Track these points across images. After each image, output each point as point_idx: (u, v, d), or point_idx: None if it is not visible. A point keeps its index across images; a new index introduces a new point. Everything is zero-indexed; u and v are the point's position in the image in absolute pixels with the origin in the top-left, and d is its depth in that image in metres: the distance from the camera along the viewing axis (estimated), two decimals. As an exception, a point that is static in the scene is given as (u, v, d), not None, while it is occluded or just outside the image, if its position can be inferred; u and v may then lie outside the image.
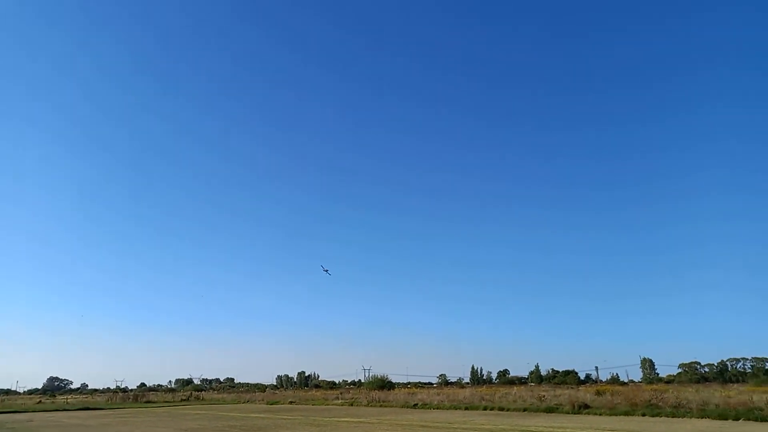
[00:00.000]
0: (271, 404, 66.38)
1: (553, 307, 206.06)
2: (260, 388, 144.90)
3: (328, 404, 60.96)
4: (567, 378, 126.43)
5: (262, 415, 43.83)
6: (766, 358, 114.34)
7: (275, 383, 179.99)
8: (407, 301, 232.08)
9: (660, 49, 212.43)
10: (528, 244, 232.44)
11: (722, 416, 30.79)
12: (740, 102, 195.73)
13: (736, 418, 29.99)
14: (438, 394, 59.59)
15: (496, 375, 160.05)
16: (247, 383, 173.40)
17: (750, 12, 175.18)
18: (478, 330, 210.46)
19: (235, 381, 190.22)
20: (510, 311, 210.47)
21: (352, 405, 57.41)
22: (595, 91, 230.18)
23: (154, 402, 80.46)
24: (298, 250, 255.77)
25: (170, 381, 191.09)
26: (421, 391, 77.47)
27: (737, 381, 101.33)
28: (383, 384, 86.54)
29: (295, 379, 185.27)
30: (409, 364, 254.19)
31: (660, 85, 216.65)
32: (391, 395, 64.82)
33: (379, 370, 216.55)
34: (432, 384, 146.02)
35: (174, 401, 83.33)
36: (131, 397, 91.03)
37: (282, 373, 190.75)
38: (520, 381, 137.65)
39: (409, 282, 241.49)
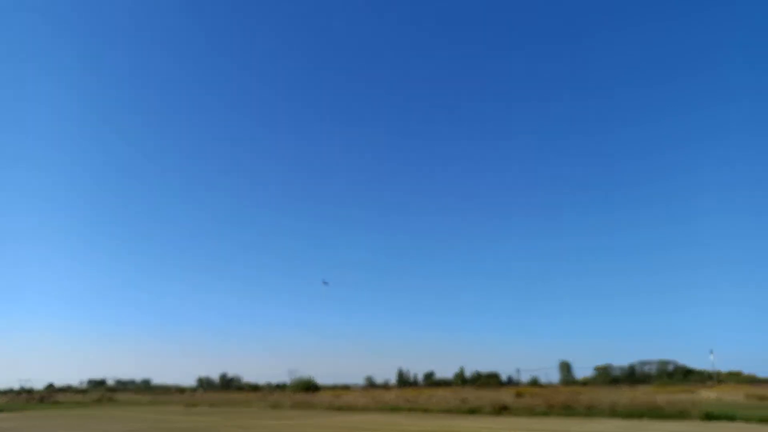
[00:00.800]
0: (190, 406, 64.03)
1: (478, 309, 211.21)
2: (179, 390, 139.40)
3: (250, 407, 59.53)
4: (490, 380, 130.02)
5: (178, 417, 42.10)
6: (668, 361, 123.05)
7: (196, 385, 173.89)
8: (334, 303, 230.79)
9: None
10: (450, 247, 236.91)
11: (629, 416, 32.72)
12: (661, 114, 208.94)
13: (641, 417, 31.97)
14: (364, 397, 59.55)
15: (422, 377, 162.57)
16: (165, 385, 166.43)
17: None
18: (406, 332, 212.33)
19: (151, 382, 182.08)
20: (436, 314, 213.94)
21: (274, 408, 56.36)
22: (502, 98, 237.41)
23: (61, 403, 75.44)
24: (218, 249, 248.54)
25: (81, 381, 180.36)
26: (347, 393, 77.21)
27: (644, 382, 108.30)
28: (308, 386, 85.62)
29: (217, 382, 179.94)
30: (336, 366, 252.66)
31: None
32: (316, 398, 64.21)
33: (306, 373, 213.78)
34: (359, 386, 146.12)
35: (84, 402, 78.57)
36: (37, 398, 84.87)
37: (203, 375, 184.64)
38: (446, 383, 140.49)
39: (335, 287, 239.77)
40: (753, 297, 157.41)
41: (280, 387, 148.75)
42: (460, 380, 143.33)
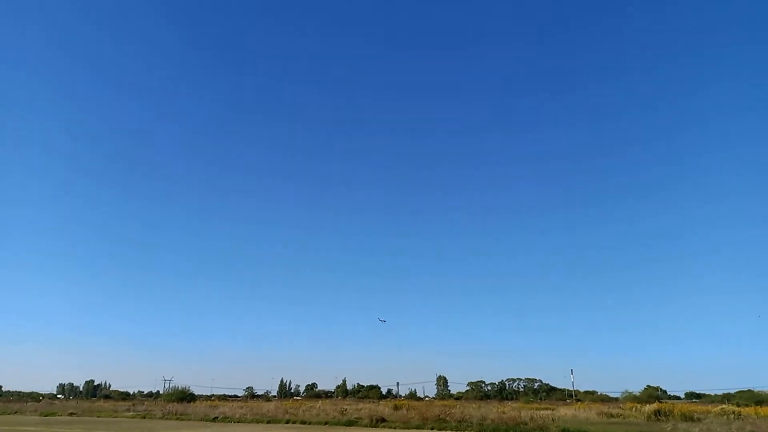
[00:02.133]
0: (46, 416, 58.15)
1: (362, 322, 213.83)
2: (34, 397, 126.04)
3: (117, 416, 55.47)
4: (371, 392, 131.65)
5: (31, 428, 38.21)
6: (534, 379, 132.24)
7: (55, 392, 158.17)
8: (214, 311, 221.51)
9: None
10: (331, 259, 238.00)
11: (496, 430, 34.79)
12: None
13: (506, 431, 34.16)
14: (242, 407, 57.76)
15: (304, 388, 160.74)
16: (19, 392, 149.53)
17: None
18: (290, 343, 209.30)
19: (2, 389, 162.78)
20: (322, 325, 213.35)
21: (144, 418, 53.01)
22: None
23: None
24: (94, 249, 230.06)
25: None
26: (225, 403, 74.43)
27: (512, 399, 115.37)
28: (183, 396, 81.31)
29: (81, 389, 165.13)
30: (215, 375, 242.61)
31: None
32: (191, 408, 61.20)
33: (182, 382, 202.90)
34: (237, 397, 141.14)
35: None
36: None
37: (66, 382, 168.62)
38: (327, 395, 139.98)
39: (218, 291, 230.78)
40: (609, 321, 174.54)
41: (153, 396, 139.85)
42: (342, 392, 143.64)
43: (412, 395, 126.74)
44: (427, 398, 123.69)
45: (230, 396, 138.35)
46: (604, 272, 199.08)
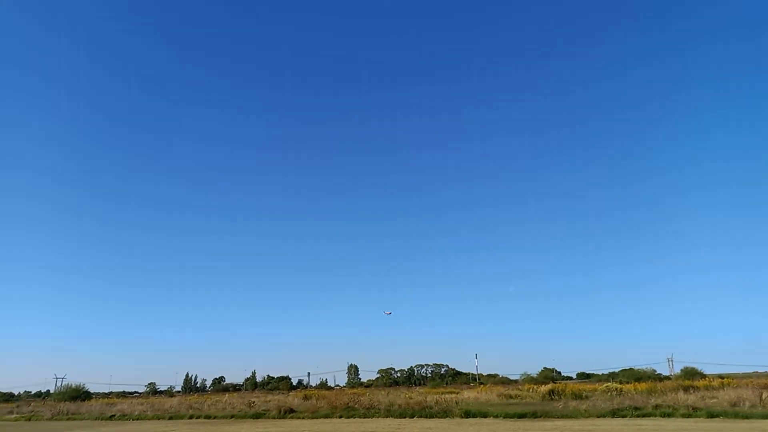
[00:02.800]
0: None
1: (271, 313, 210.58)
2: None
3: (-3, 420, 50.94)
4: (280, 384, 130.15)
5: None
6: (442, 365, 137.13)
7: None
8: (111, 306, 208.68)
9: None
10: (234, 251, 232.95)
11: (402, 415, 35.71)
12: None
13: (413, 416, 35.14)
14: (142, 404, 54.98)
15: (211, 382, 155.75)
16: None
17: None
18: (195, 337, 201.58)
19: None
20: (230, 316, 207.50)
21: (30, 420, 49.08)
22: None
23: None
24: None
25: None
26: (123, 400, 70.51)
27: (420, 384, 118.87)
28: (77, 394, 76.09)
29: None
30: (114, 372, 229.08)
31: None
32: (85, 407, 57.41)
33: (77, 379, 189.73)
34: (138, 393, 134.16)
35: None
36: None
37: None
38: (235, 388, 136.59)
39: (116, 286, 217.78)
40: (511, 308, 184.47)
41: (43, 396, 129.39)
42: (251, 385, 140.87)
43: (323, 385, 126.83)
44: (338, 387, 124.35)
45: (130, 393, 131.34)
46: (507, 263, 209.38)
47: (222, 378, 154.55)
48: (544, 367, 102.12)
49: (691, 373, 61.98)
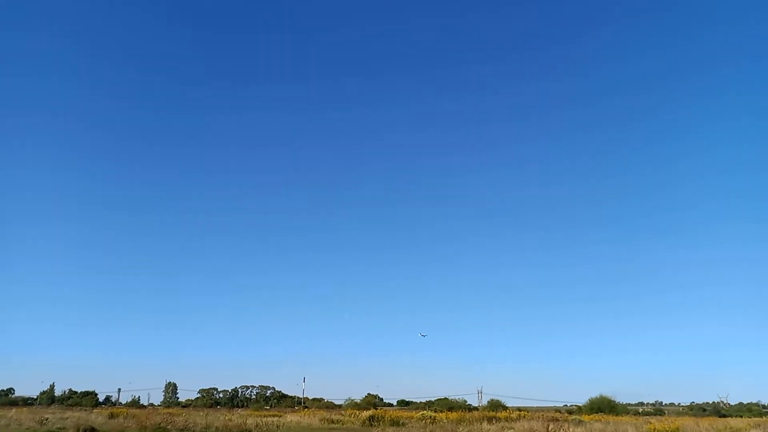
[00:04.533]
0: None
1: (75, 320, 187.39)
2: None
3: None
4: (84, 399, 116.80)
5: None
6: (268, 387, 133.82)
7: None
8: None
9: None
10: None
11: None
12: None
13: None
14: None
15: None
16: None
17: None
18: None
19: None
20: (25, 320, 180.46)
21: None
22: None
23: None
24: None
25: None
26: None
27: (243, 406, 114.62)
28: None
29: None
30: None
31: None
32: None
33: None
34: None
35: None
36: None
37: None
38: (26, 402, 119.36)
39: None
40: (344, 332, 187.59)
41: None
42: (48, 399, 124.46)
43: (135, 403, 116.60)
44: (151, 406, 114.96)
45: None
46: (343, 285, 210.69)
47: (11, 390, 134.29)
48: (368, 393, 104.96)
49: (495, 405, 68.20)
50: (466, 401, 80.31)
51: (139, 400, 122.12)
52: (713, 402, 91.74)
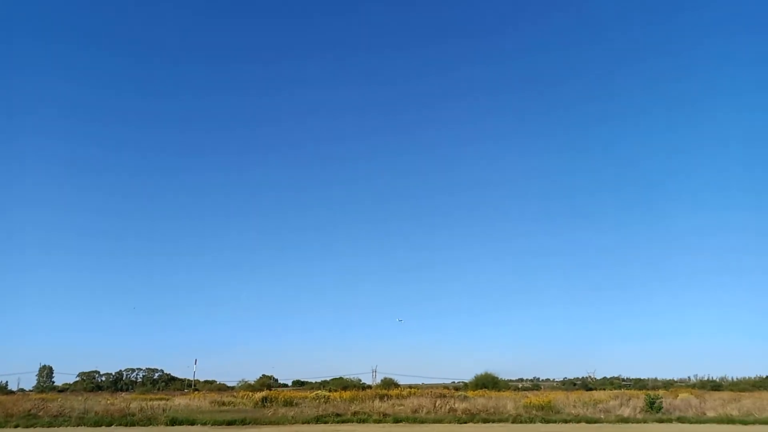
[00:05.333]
0: None
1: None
2: None
3: None
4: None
5: None
6: (156, 369, 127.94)
7: None
8: None
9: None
10: None
11: (98, 423, 32.32)
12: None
13: (111, 425, 32.10)
14: None
15: None
16: None
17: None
18: None
19: None
20: None
21: None
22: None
23: None
24: None
25: None
26: None
27: (128, 389, 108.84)
28: None
29: None
30: None
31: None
32: None
33: None
34: None
35: None
36: None
37: None
38: None
39: None
40: (241, 313, 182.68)
41: None
42: None
43: (2, 388, 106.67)
44: (21, 391, 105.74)
45: None
46: (237, 268, 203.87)
47: None
48: (263, 374, 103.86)
49: (388, 383, 70.27)
50: (360, 380, 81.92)
51: (6, 385, 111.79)
52: (582, 377, 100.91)
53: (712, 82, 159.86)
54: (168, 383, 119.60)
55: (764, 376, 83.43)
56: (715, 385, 78.93)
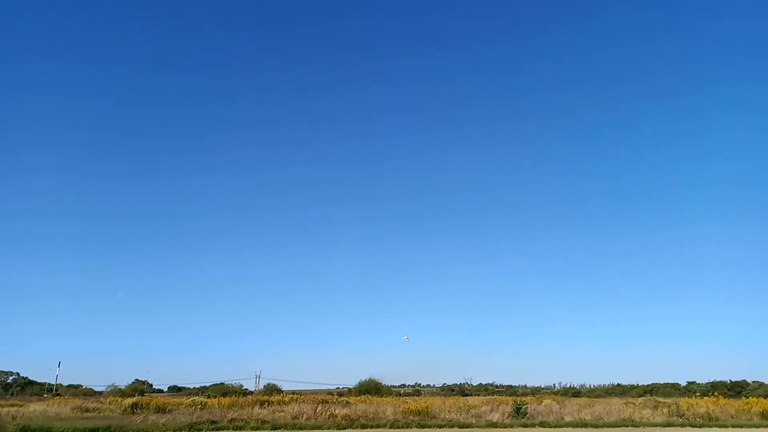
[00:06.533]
0: None
1: None
2: None
3: None
4: None
5: None
6: (10, 372, 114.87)
7: None
8: None
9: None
10: None
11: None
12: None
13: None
14: None
15: None
16: None
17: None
18: None
19: None
20: None
21: None
22: None
23: None
24: None
25: None
26: None
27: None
28: None
29: None
30: None
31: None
32: None
33: None
34: None
35: None
36: None
37: None
38: None
39: None
40: (115, 315, 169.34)
41: None
42: None
43: None
44: None
45: None
46: (117, 265, 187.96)
47: None
48: (136, 379, 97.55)
49: (271, 389, 69.06)
50: (242, 386, 79.74)
51: None
52: (460, 383, 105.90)
53: (715, 94, 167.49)
54: (24, 387, 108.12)
55: (615, 384, 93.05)
56: (575, 392, 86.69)
